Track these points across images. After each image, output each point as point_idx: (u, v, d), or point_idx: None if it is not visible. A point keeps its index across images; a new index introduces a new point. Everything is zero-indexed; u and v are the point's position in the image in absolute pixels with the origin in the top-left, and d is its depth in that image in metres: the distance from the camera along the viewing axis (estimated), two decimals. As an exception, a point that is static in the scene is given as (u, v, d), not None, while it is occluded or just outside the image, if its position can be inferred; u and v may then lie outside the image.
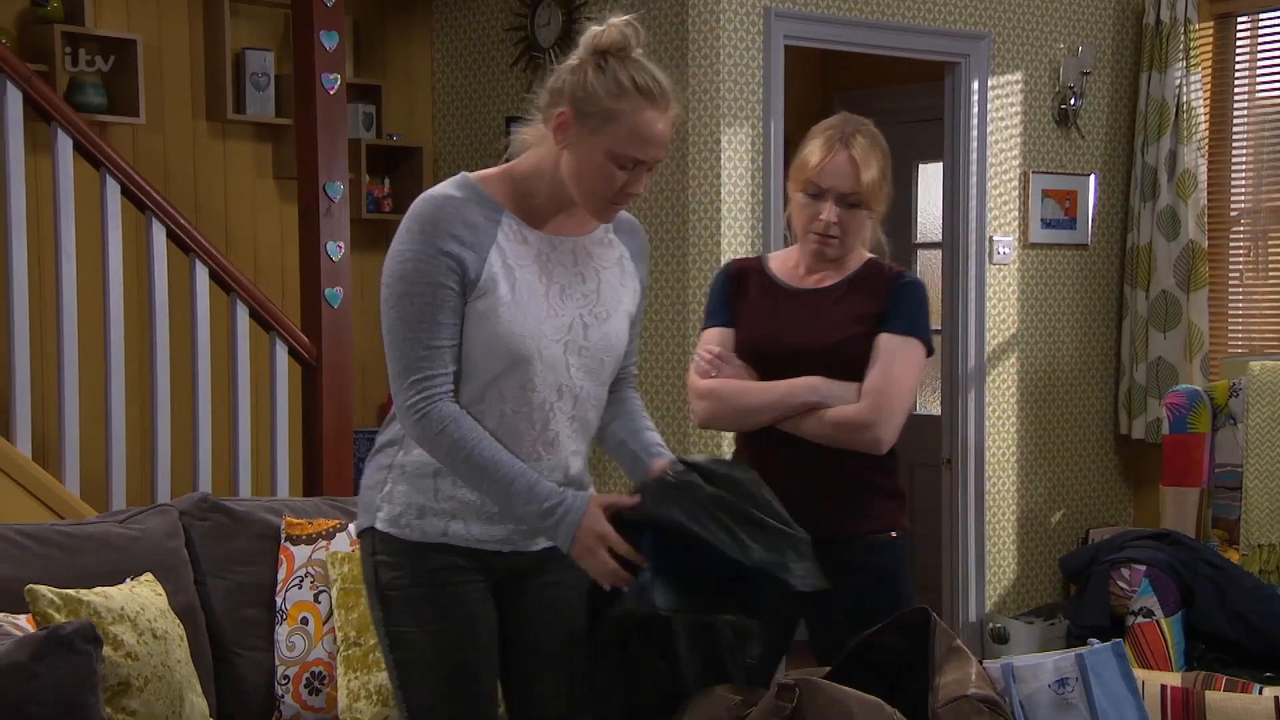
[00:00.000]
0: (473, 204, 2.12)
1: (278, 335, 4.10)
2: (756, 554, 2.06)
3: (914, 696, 2.24)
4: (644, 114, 2.10)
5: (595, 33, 2.12)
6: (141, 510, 3.02)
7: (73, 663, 2.22)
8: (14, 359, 3.68)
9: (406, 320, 2.08)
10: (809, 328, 2.57)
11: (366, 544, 2.21)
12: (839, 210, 2.53)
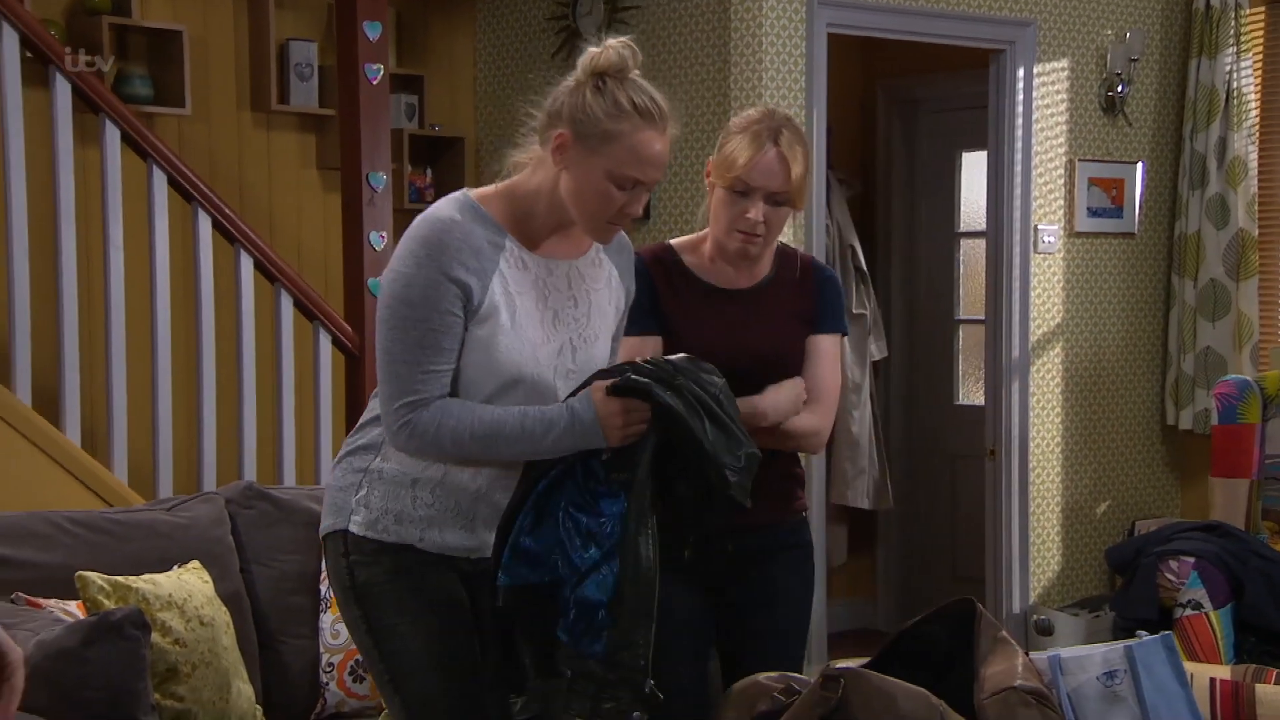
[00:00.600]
0: (477, 228, 2.13)
1: (321, 325, 4.12)
2: (713, 442, 2.09)
3: (958, 688, 2.23)
4: (642, 134, 2.12)
5: (593, 54, 2.14)
6: (188, 498, 3.05)
7: (122, 648, 2.25)
8: (63, 348, 3.72)
9: (407, 345, 2.08)
10: (753, 336, 2.54)
11: (336, 545, 2.20)
12: (766, 208, 2.46)
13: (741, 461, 2.11)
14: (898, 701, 2.05)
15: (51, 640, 2.28)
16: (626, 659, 2.09)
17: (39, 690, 2.19)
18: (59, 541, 2.73)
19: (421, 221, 2.13)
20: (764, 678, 2.28)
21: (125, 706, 2.27)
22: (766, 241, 2.52)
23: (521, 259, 2.17)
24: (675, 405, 2.08)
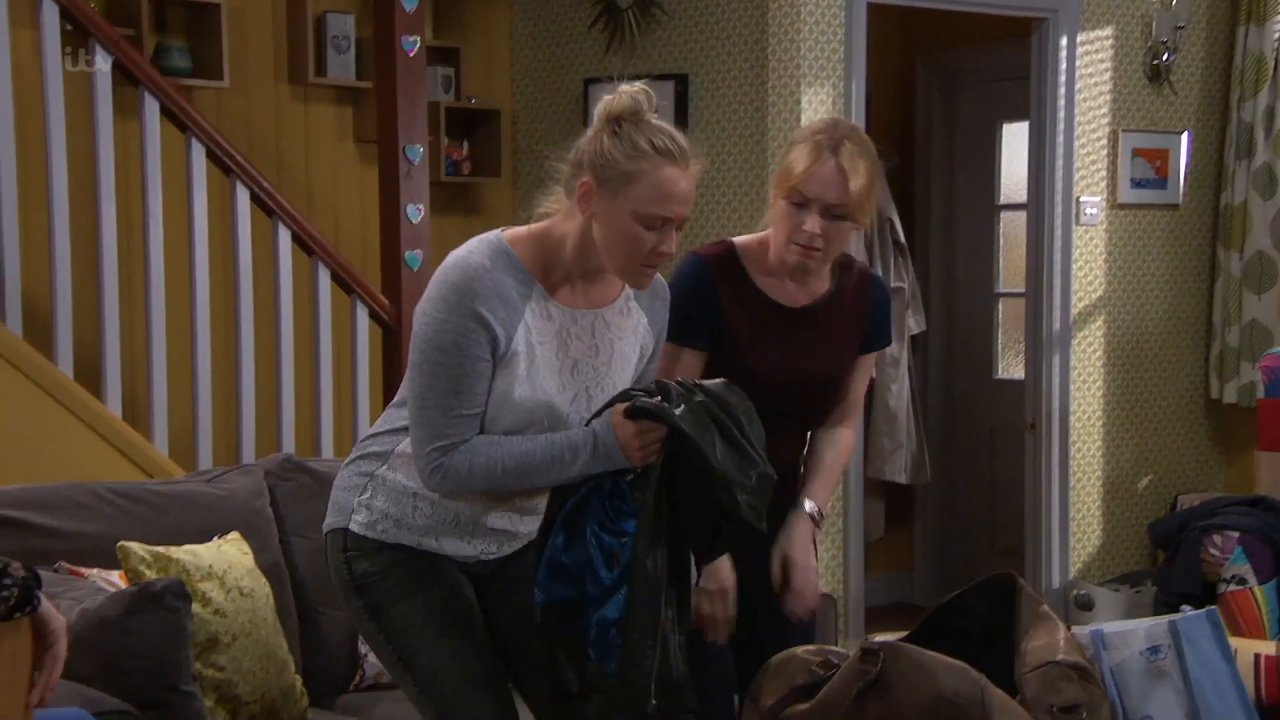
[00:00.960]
0: (507, 275, 2.16)
1: (359, 298, 4.13)
2: (722, 461, 2.10)
3: (999, 662, 2.22)
4: (663, 171, 2.13)
5: (607, 101, 2.17)
6: (228, 470, 3.07)
7: (163, 618, 2.27)
8: (104, 320, 3.74)
9: (439, 390, 2.12)
10: (810, 359, 2.54)
11: (336, 542, 2.25)
12: (823, 222, 2.41)
13: (752, 481, 2.12)
14: (938, 675, 2.04)
15: (94, 609, 2.30)
16: (634, 676, 2.12)
17: (82, 658, 2.23)
18: (101, 512, 2.75)
19: (455, 266, 2.15)
20: (802, 651, 2.27)
21: (167, 675, 2.29)
22: (825, 256, 2.47)
23: (547, 309, 2.20)
24: (684, 426, 2.09)
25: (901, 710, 2.04)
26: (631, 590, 2.12)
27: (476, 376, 2.13)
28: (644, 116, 2.16)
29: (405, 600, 2.21)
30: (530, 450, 2.16)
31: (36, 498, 2.72)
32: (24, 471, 3.38)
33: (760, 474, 2.13)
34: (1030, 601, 2.28)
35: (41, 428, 3.55)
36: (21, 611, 1.70)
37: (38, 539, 2.65)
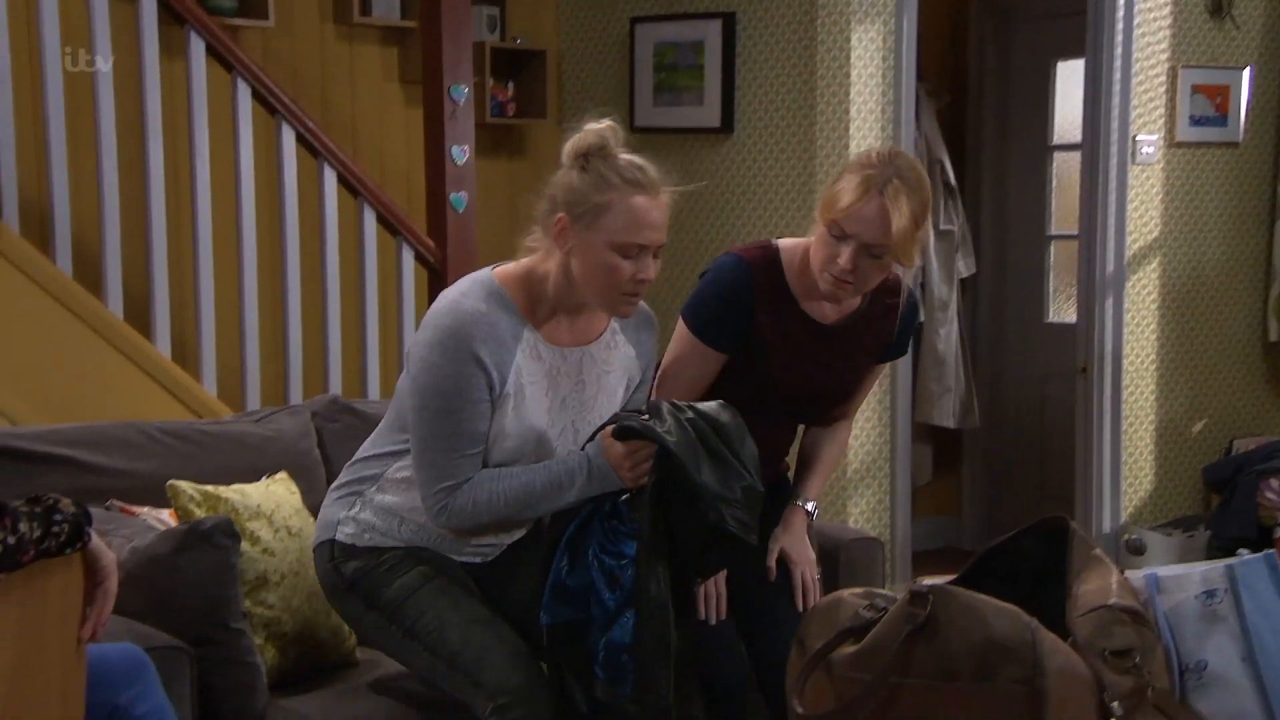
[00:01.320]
0: (500, 318, 2.22)
1: (404, 240, 4.12)
2: (708, 478, 2.13)
3: (1050, 605, 2.19)
4: (633, 200, 2.19)
5: (574, 139, 2.24)
6: (276, 411, 3.07)
7: (213, 556, 2.29)
8: (152, 261, 3.76)
9: (442, 433, 2.21)
10: (831, 375, 2.56)
11: (324, 553, 2.37)
12: (860, 258, 2.37)
13: (738, 495, 2.14)
14: (988, 618, 2.02)
15: (145, 547, 2.32)
16: (652, 700, 2.16)
17: (133, 595, 2.25)
18: (151, 451, 2.77)
19: (451, 310, 2.21)
20: (848, 594, 2.25)
21: (217, 612, 2.31)
22: (857, 289, 2.45)
23: (538, 350, 2.26)
24: (669, 442, 2.13)
25: (950, 653, 2.01)
26: (639, 614, 2.16)
27: (478, 418, 2.20)
28: (611, 151, 2.22)
29: (400, 577, 2.30)
30: (529, 481, 2.23)
31: (88, 436, 2.74)
32: (75, 411, 3.42)
33: (746, 488, 2.15)
34: (1083, 545, 2.25)
35: (92, 368, 3.58)
36: (72, 547, 1.72)
37: (89, 477, 2.68)
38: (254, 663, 2.34)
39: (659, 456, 2.15)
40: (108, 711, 1.89)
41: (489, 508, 2.23)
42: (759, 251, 2.51)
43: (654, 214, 2.21)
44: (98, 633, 1.78)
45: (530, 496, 2.23)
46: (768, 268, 2.49)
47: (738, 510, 2.14)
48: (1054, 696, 1.95)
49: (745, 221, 4.71)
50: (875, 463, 4.63)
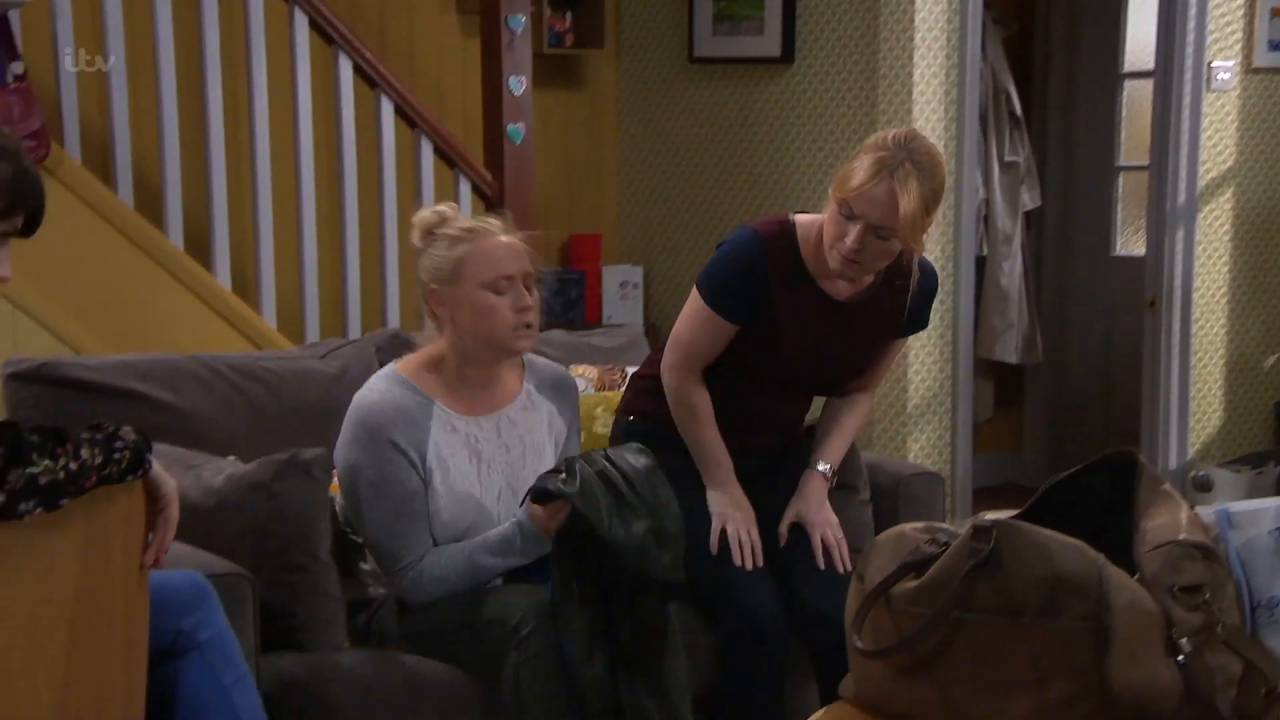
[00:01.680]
0: (407, 401, 2.37)
1: (461, 171, 4.10)
2: (616, 531, 2.21)
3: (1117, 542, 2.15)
4: (483, 243, 2.35)
5: (414, 221, 2.42)
6: (339, 345, 3.06)
7: (309, 487, 2.32)
8: (212, 191, 3.77)
9: (384, 523, 2.36)
10: (844, 350, 2.59)
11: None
12: (866, 238, 2.41)
13: (646, 540, 2.21)
14: (1053, 553, 1.98)
15: (243, 474, 2.35)
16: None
17: (229, 520, 2.31)
18: (215, 387, 2.77)
19: (359, 406, 2.38)
20: (909, 528, 2.22)
21: (308, 543, 2.34)
22: (863, 270, 2.49)
23: (450, 423, 2.39)
24: (575, 500, 2.22)
25: (1014, 589, 1.98)
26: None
27: (411, 497, 2.35)
28: (449, 220, 2.39)
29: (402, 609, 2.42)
30: (471, 553, 2.36)
31: (155, 370, 2.74)
32: (137, 341, 3.45)
33: (655, 529, 2.22)
34: (1151, 480, 2.20)
35: (154, 298, 3.61)
36: (134, 474, 1.73)
37: (154, 411, 2.68)
38: (337, 596, 2.38)
39: (571, 516, 2.24)
40: (171, 636, 1.92)
41: (443, 583, 2.36)
42: (775, 226, 2.53)
43: (509, 248, 2.36)
44: (160, 559, 1.79)
45: (475, 568, 2.36)
46: (783, 242, 2.51)
47: (652, 553, 2.22)
48: (1120, 633, 1.91)
49: (805, 156, 4.64)
50: (936, 398, 4.58)
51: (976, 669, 1.91)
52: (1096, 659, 1.84)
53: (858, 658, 2.10)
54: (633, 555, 2.21)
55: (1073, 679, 1.85)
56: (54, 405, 2.59)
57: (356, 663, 2.34)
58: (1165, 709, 1.86)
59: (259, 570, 2.25)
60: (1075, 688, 1.85)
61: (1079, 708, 1.85)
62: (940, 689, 1.96)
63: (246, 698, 1.97)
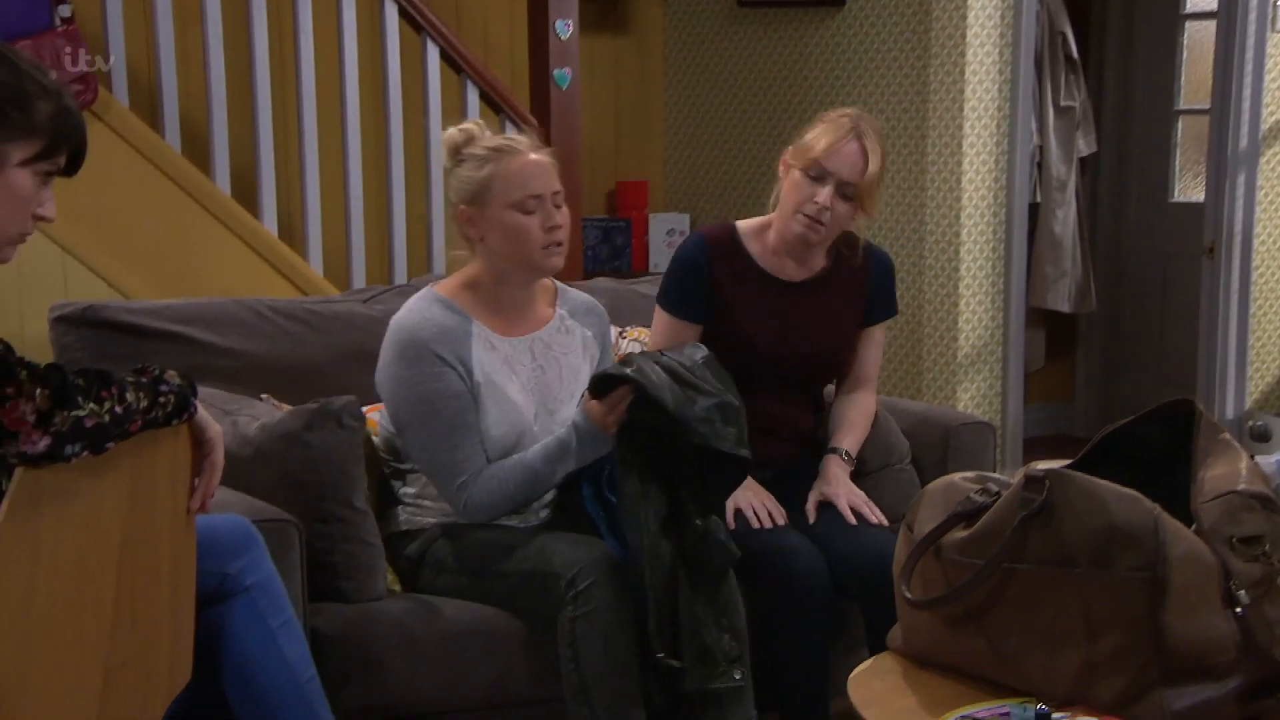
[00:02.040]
0: (447, 319, 2.38)
1: (507, 117, 4.06)
2: (683, 407, 2.22)
3: (1173, 492, 2.11)
4: (511, 162, 2.35)
5: (443, 144, 2.44)
6: (383, 290, 3.06)
7: (340, 435, 2.30)
8: (259, 137, 3.75)
9: (439, 435, 2.35)
10: (807, 333, 2.66)
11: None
12: (836, 198, 2.54)
13: (712, 413, 2.22)
14: (1108, 504, 1.94)
15: (275, 424, 2.34)
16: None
17: (263, 470, 2.30)
18: (261, 330, 2.78)
19: (398, 328, 2.38)
20: (959, 478, 2.18)
21: (342, 491, 2.33)
22: (828, 233, 2.59)
23: (489, 341, 2.40)
24: (636, 376, 2.22)
25: (1067, 539, 1.94)
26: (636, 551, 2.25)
27: (463, 410, 2.34)
28: (476, 138, 2.39)
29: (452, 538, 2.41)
30: (530, 463, 2.35)
31: (201, 313, 2.75)
32: (184, 286, 3.46)
33: (721, 405, 2.23)
34: (1210, 428, 2.15)
35: (201, 244, 3.61)
36: (179, 418, 1.72)
37: (200, 354, 2.69)
38: (375, 543, 2.37)
39: (635, 400, 2.23)
40: (218, 579, 1.92)
41: (501, 496, 2.35)
42: (718, 228, 2.70)
43: (537, 166, 2.36)
44: (206, 503, 1.79)
45: (534, 475, 2.35)
46: (726, 239, 2.66)
47: (719, 427, 2.23)
48: (1176, 584, 1.87)
49: (855, 101, 4.57)
50: (987, 347, 4.53)
51: (1027, 620, 1.89)
52: (1151, 611, 1.81)
53: (906, 608, 2.07)
54: (702, 426, 2.22)
55: (1126, 631, 1.82)
56: (100, 348, 2.61)
57: (398, 611, 2.34)
58: (1222, 661, 1.82)
59: (296, 520, 2.23)
60: (1128, 640, 1.82)
61: (1132, 660, 1.82)
62: (990, 640, 1.94)
63: (293, 642, 1.98)
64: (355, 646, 2.27)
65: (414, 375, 2.34)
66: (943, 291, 4.46)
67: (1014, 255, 4.52)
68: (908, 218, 4.50)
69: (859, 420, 2.72)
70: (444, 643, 2.32)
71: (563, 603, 2.24)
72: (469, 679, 2.33)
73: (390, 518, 2.50)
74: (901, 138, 4.47)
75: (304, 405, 2.37)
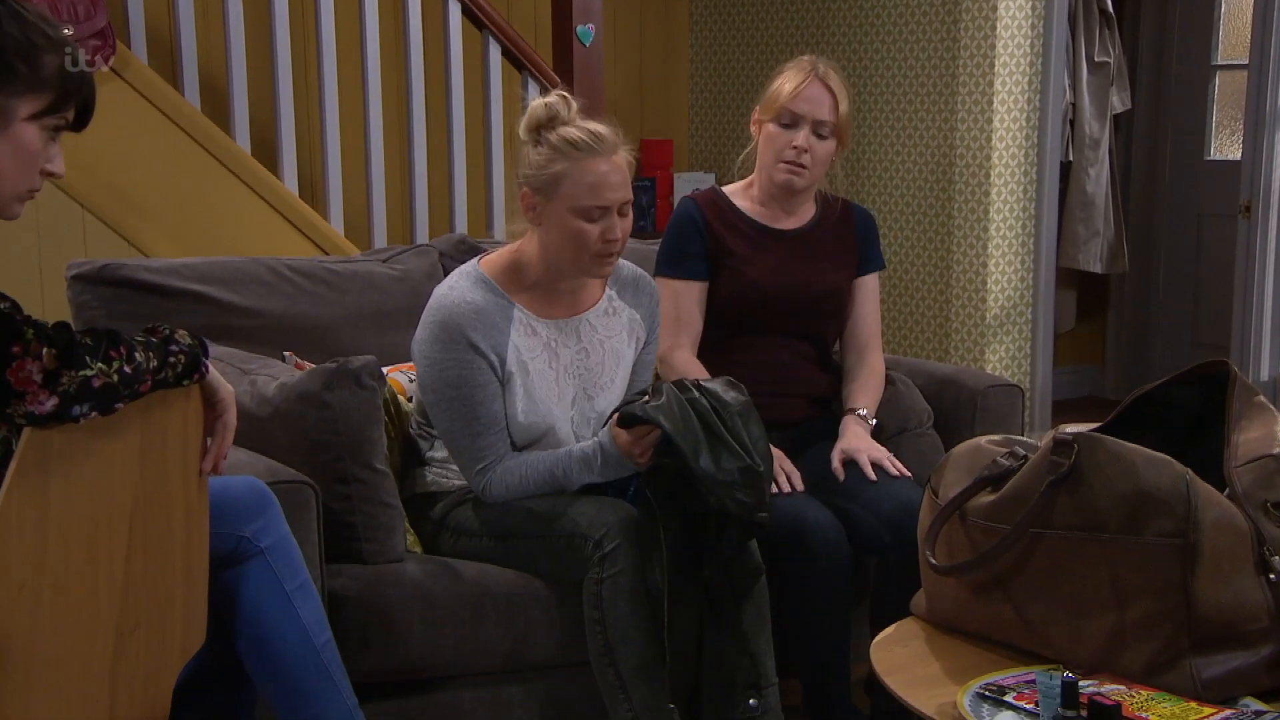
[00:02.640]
0: (488, 303, 2.32)
1: (529, 74, 4.01)
2: (705, 464, 2.16)
3: (1205, 456, 2.06)
4: (586, 164, 2.24)
5: (526, 115, 2.30)
6: (403, 250, 3.03)
7: (359, 396, 2.28)
8: (279, 95, 3.71)
9: (463, 420, 2.31)
10: (805, 274, 2.68)
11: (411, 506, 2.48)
12: (812, 139, 2.59)
13: (735, 477, 2.15)
14: (1138, 468, 1.89)
15: (294, 383, 2.31)
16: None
17: (281, 431, 2.27)
18: (280, 290, 2.75)
19: (439, 305, 2.32)
20: (986, 441, 2.14)
21: (361, 452, 2.30)
22: (812, 175, 2.63)
23: (531, 325, 2.35)
24: (666, 426, 2.16)
25: (1096, 504, 1.90)
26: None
27: (490, 399, 2.31)
28: (561, 120, 2.27)
29: (477, 501, 2.39)
30: (553, 465, 2.33)
31: (219, 272, 2.72)
32: (204, 245, 3.45)
33: (744, 469, 2.16)
34: (1245, 391, 2.09)
35: (221, 203, 3.59)
36: (190, 379, 1.69)
37: (218, 313, 2.67)
38: (395, 505, 2.34)
39: (661, 440, 2.19)
40: (234, 542, 1.90)
41: (520, 489, 2.34)
42: (706, 191, 2.74)
43: (611, 175, 2.25)
44: (219, 465, 1.77)
45: (554, 479, 2.34)
46: (715, 199, 2.71)
47: (738, 492, 2.17)
48: (1208, 551, 1.83)
49: (884, 57, 4.49)
50: (1016, 308, 4.46)
51: (1054, 587, 1.86)
52: (1182, 577, 1.78)
53: (930, 574, 2.04)
54: (721, 490, 2.16)
55: (1156, 598, 1.78)
56: (117, 307, 2.59)
57: (418, 573, 2.32)
58: (1254, 630, 1.78)
59: (314, 482, 2.20)
60: (1158, 607, 1.78)
61: (1162, 628, 1.78)
62: (1016, 607, 1.90)
63: (309, 605, 1.95)
64: (373, 608, 2.25)
65: (446, 359, 2.30)
66: (971, 252, 4.40)
67: (1044, 215, 4.44)
68: (937, 176, 4.43)
69: (870, 380, 2.73)
70: (463, 605, 2.30)
71: (590, 565, 2.22)
72: (489, 642, 2.32)
73: (416, 478, 2.48)
74: (931, 94, 4.40)
75: (323, 365, 2.34)
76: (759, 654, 2.27)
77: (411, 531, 2.46)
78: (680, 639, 2.21)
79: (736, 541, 2.26)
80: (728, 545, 2.25)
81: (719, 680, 2.25)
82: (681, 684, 2.24)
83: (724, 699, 2.24)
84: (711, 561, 2.25)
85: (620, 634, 2.19)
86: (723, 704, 2.24)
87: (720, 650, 2.24)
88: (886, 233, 4.59)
